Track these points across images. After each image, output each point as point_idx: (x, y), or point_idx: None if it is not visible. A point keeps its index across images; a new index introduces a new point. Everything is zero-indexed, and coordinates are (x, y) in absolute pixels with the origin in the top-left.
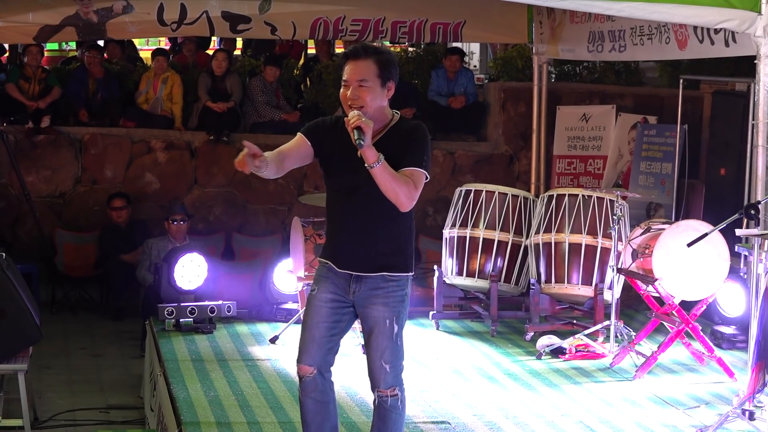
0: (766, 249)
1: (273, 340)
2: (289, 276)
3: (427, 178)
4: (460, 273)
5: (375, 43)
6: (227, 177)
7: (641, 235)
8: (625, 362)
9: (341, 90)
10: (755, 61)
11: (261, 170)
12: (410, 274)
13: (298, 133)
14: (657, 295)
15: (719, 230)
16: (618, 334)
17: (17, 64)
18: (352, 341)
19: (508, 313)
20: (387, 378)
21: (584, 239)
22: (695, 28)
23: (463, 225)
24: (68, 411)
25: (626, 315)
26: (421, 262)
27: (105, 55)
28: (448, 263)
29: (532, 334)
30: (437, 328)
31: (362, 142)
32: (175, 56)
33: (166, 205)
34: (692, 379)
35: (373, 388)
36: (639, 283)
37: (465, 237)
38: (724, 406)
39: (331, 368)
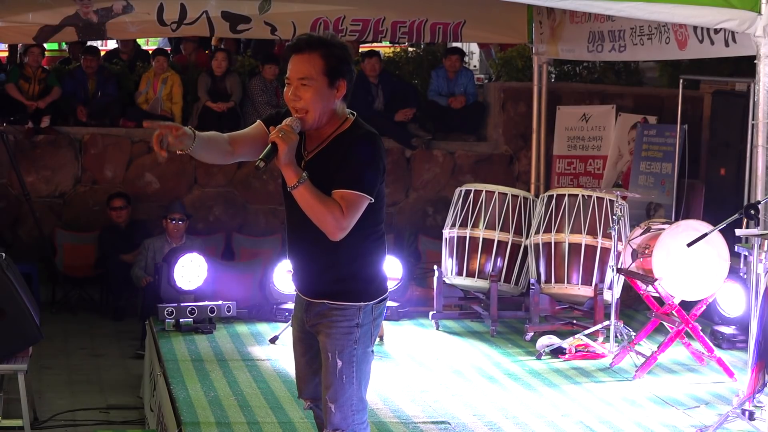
0: (765, 249)
1: (273, 341)
2: (289, 276)
3: (370, 200)
4: (460, 273)
5: (323, 34)
6: (227, 177)
7: (641, 235)
8: (625, 362)
9: (285, 90)
10: (755, 61)
11: (183, 147)
12: (362, 303)
13: (258, 120)
14: (657, 295)
15: (719, 230)
16: (618, 334)
17: (17, 64)
18: None
19: (508, 313)
20: (332, 419)
21: (584, 239)
22: (695, 28)
23: (463, 225)
24: (68, 411)
25: (626, 315)
26: (421, 262)
27: (119, 46)
28: (448, 263)
29: (532, 334)
30: (437, 328)
31: (262, 164)
32: (175, 56)
33: (166, 205)
34: (692, 379)
35: (321, 428)
36: (639, 283)
37: (465, 237)
38: (724, 406)
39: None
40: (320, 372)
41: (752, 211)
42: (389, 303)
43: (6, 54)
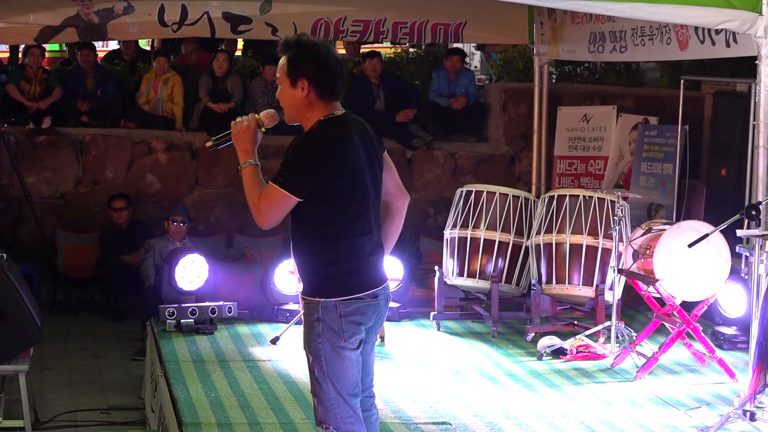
0: (766, 250)
1: (274, 341)
2: (290, 277)
3: (287, 194)
4: (461, 274)
5: (305, 36)
6: (228, 178)
7: (642, 235)
8: (626, 363)
9: None
10: (756, 62)
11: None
12: (320, 299)
13: None
14: (658, 295)
15: (720, 231)
16: (619, 335)
17: (18, 65)
18: None
19: (509, 314)
20: (316, 413)
21: (585, 240)
22: (696, 28)
23: (464, 226)
24: (69, 412)
25: (627, 316)
26: (422, 263)
27: (121, 47)
28: (449, 264)
29: (533, 334)
30: (438, 329)
31: (210, 143)
32: (176, 57)
33: (167, 205)
34: (693, 379)
35: None
36: (640, 283)
37: (466, 238)
38: (725, 406)
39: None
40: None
41: (753, 212)
42: (391, 304)
43: (7, 55)
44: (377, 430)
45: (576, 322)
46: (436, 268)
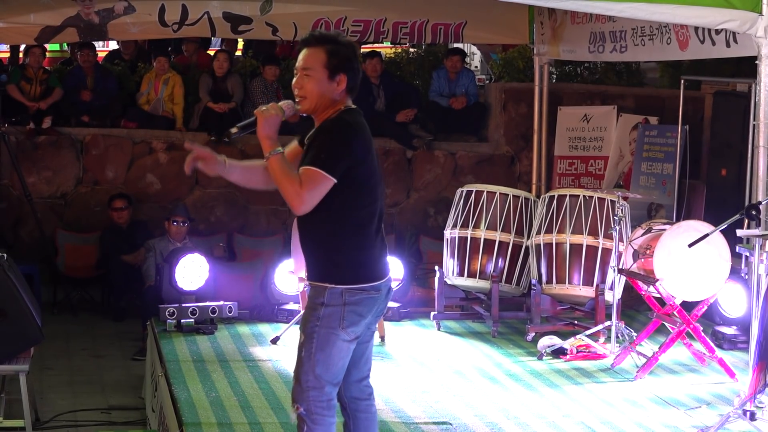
0: (767, 250)
1: (274, 341)
2: (290, 277)
3: (329, 178)
4: (461, 274)
5: (335, 33)
6: None
7: (642, 235)
8: (626, 363)
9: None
10: (756, 62)
11: (212, 171)
12: (327, 285)
13: (295, 141)
14: (658, 295)
15: (720, 231)
16: (619, 335)
17: (18, 65)
18: None
19: (509, 314)
20: (293, 390)
21: (585, 240)
22: (696, 28)
23: (464, 226)
24: (69, 412)
25: (627, 315)
26: (423, 262)
27: (120, 47)
28: (450, 264)
29: (534, 334)
30: (438, 329)
31: (234, 131)
32: (176, 57)
33: (168, 205)
34: (693, 379)
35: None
36: (640, 283)
37: (466, 238)
38: (726, 406)
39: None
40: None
41: (753, 212)
42: (391, 303)
43: (7, 55)
44: (376, 422)
45: (576, 321)
46: (437, 267)
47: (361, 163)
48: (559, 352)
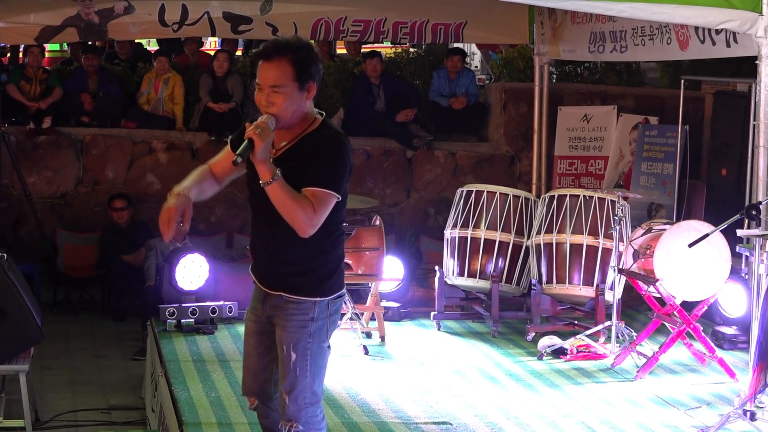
0: (767, 250)
1: None
2: None
3: (338, 198)
4: (461, 273)
5: (289, 38)
6: None
7: (642, 235)
8: (627, 363)
9: (256, 93)
10: (756, 62)
11: (190, 207)
12: (317, 298)
13: (227, 146)
14: (658, 295)
15: (720, 231)
16: (619, 335)
17: (18, 64)
18: (353, 341)
19: (510, 314)
20: (286, 410)
21: (585, 240)
22: (696, 28)
23: (465, 226)
24: (69, 412)
25: (627, 315)
26: (423, 262)
27: (115, 47)
28: (450, 264)
29: (534, 334)
30: (438, 329)
31: (239, 159)
32: (177, 57)
33: None
34: (693, 379)
35: (266, 428)
36: (640, 283)
37: (466, 238)
38: (726, 406)
39: (274, 396)
40: (269, 368)
41: (753, 212)
42: (391, 303)
43: (7, 55)
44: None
45: (576, 321)
46: (437, 267)
47: (349, 175)
48: (559, 352)
